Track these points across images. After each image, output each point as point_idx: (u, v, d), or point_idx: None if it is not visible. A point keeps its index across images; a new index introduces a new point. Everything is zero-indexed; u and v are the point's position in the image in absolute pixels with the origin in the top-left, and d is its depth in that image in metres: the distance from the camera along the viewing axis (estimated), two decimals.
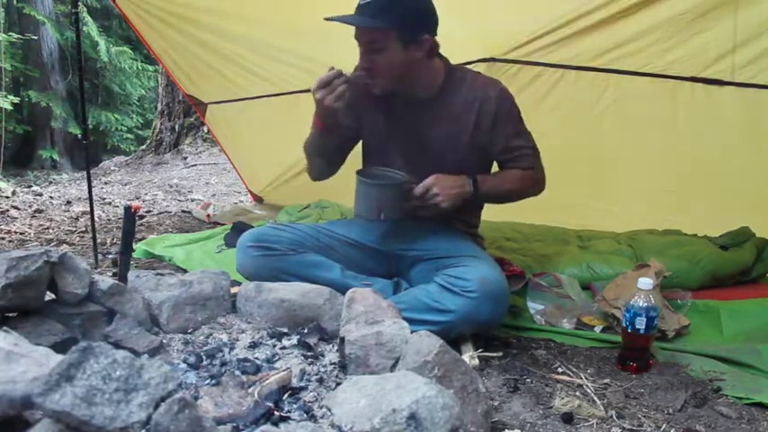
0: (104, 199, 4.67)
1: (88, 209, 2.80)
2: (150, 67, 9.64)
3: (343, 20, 1.67)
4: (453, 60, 1.91)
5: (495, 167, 1.99)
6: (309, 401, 1.23)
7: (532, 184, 1.93)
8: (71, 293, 1.39)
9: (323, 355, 1.46)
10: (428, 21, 1.75)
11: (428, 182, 1.75)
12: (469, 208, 1.96)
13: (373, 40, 1.71)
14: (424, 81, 1.83)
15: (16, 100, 7.91)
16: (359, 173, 1.80)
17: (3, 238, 3.08)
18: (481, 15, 2.58)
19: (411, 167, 1.89)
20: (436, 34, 1.77)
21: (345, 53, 1.74)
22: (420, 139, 1.88)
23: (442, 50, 1.87)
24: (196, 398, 1.18)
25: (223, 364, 1.37)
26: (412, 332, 1.30)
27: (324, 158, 1.95)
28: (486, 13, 2.56)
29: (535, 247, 2.74)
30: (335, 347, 1.48)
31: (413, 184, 1.77)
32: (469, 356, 1.58)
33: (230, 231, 2.97)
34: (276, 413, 1.16)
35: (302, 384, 1.30)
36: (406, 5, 1.70)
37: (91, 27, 8.56)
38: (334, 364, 1.41)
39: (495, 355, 1.66)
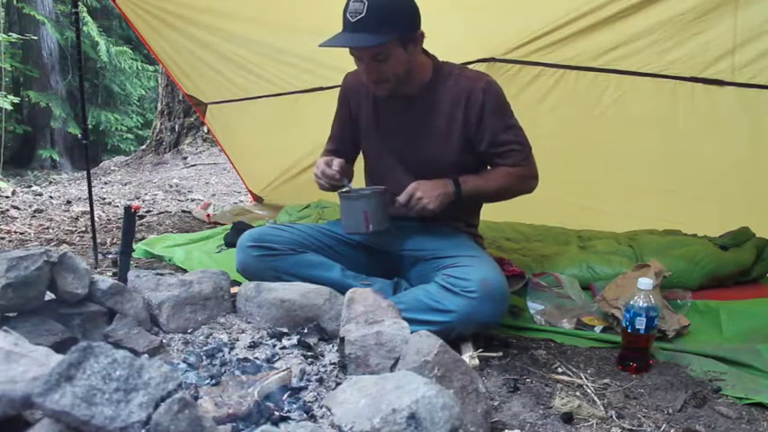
0: (104, 199, 4.67)
1: (88, 209, 2.80)
2: (150, 67, 9.66)
3: (345, 43, 1.64)
4: (453, 60, 1.91)
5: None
6: (309, 401, 1.23)
7: (521, 180, 1.87)
8: (71, 293, 1.39)
9: (323, 355, 1.47)
10: (418, 14, 1.71)
11: (410, 189, 1.74)
12: (467, 207, 1.95)
13: (378, 53, 1.66)
14: (415, 77, 1.81)
15: (16, 100, 7.92)
16: (340, 192, 1.82)
17: (3, 238, 3.08)
18: (481, 15, 2.57)
19: (405, 166, 1.89)
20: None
21: (344, 52, 1.74)
22: (412, 136, 1.87)
23: (442, 50, 1.86)
24: (196, 398, 1.18)
25: (223, 364, 1.37)
26: (412, 332, 1.30)
27: None
28: (486, 13, 2.56)
29: (535, 247, 2.74)
30: (335, 347, 1.48)
31: (394, 193, 1.77)
32: (469, 356, 1.58)
33: (230, 231, 2.97)
34: (276, 413, 1.16)
35: (302, 384, 1.30)
36: (400, 8, 1.66)
37: (91, 27, 8.57)
38: (334, 364, 1.41)
39: (495, 355, 1.66)
